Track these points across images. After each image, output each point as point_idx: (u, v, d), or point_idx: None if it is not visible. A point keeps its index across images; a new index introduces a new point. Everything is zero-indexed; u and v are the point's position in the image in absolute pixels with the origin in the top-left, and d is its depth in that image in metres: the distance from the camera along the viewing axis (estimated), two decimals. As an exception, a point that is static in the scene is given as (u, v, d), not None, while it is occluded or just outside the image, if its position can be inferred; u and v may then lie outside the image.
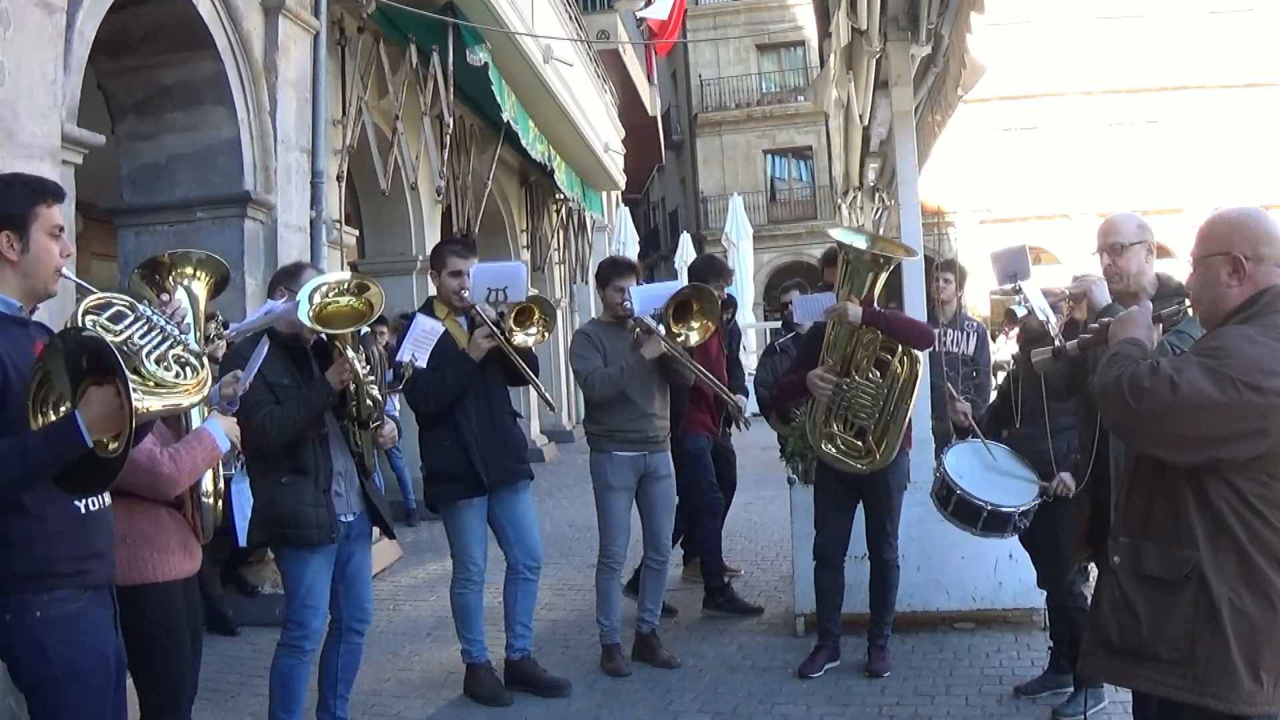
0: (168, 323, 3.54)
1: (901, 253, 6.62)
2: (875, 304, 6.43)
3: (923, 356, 6.56)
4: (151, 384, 3.34)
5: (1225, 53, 35.62)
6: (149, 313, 3.52)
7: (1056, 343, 4.54)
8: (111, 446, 3.07)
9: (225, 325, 4.94)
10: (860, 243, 6.49)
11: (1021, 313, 5.30)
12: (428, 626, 8.30)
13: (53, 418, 3.13)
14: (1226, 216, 3.46)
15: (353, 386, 5.25)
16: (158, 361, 3.40)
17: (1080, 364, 4.50)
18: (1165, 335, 3.97)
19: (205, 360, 3.60)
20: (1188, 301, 3.86)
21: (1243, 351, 3.14)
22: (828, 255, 7.85)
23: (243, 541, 7.10)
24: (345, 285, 5.25)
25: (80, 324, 3.30)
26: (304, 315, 5.01)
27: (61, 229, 3.53)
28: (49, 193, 3.51)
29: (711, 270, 8.33)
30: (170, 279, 4.36)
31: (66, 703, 3.39)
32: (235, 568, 8.64)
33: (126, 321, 3.43)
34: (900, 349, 6.38)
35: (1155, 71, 36.22)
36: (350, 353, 5.15)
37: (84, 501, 3.45)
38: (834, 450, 6.47)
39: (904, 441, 6.52)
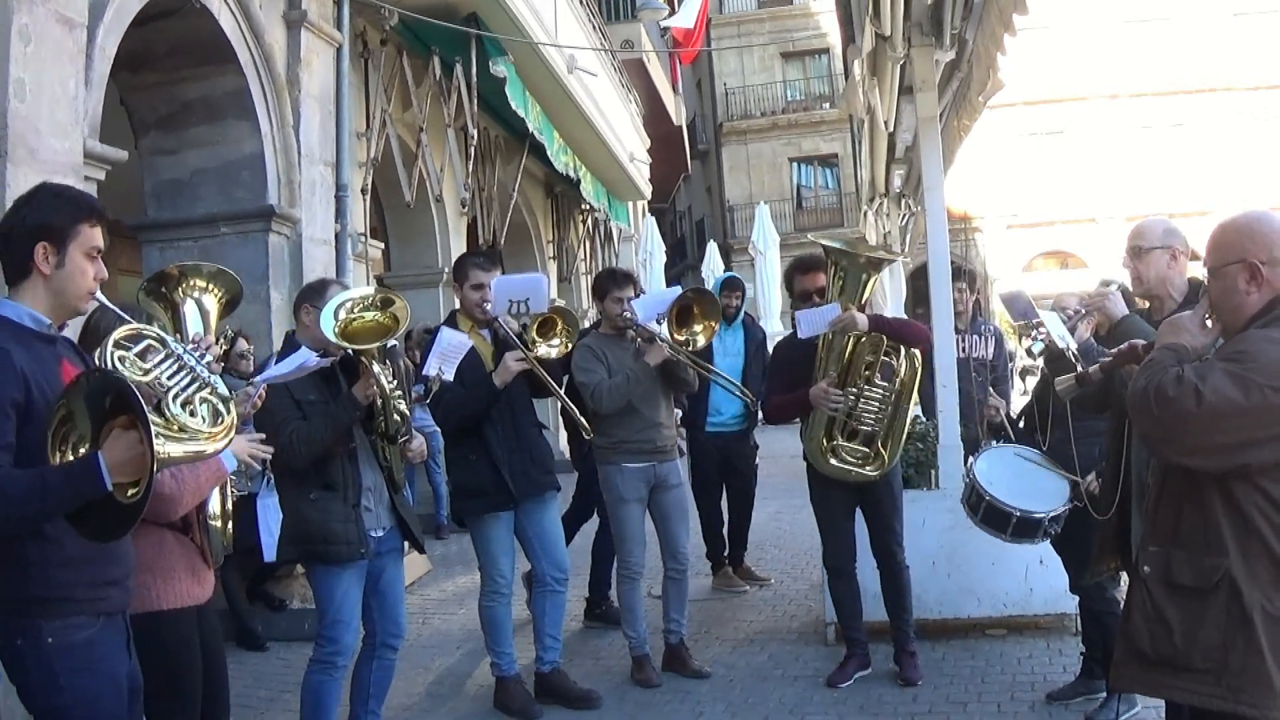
0: (198, 363, 3.47)
1: (890, 254, 6.65)
2: (867, 307, 6.44)
3: (949, 363, 6.52)
4: (175, 428, 3.26)
5: (1251, 54, 35.44)
6: (180, 350, 3.45)
7: (1079, 368, 4.52)
8: (130, 492, 3.00)
9: (249, 356, 4.76)
10: (849, 247, 6.50)
11: (1039, 348, 5.30)
12: (457, 640, 8.30)
13: (71, 458, 3.07)
14: (1237, 223, 3.41)
15: (380, 401, 5.21)
16: (183, 405, 3.33)
17: (1110, 379, 4.46)
18: None
19: (232, 406, 3.49)
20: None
21: (1267, 355, 3.11)
22: (801, 263, 7.22)
23: (270, 557, 7.11)
24: (370, 300, 5.21)
25: (109, 356, 3.25)
26: (330, 332, 5.00)
27: (100, 251, 3.47)
28: (95, 213, 3.46)
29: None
30: (179, 292, 4.21)
31: None
32: (261, 583, 8.66)
33: (156, 359, 3.37)
34: (903, 352, 6.39)
35: (1181, 74, 36.05)
36: (376, 367, 5.12)
37: None
38: (840, 463, 6.45)
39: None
